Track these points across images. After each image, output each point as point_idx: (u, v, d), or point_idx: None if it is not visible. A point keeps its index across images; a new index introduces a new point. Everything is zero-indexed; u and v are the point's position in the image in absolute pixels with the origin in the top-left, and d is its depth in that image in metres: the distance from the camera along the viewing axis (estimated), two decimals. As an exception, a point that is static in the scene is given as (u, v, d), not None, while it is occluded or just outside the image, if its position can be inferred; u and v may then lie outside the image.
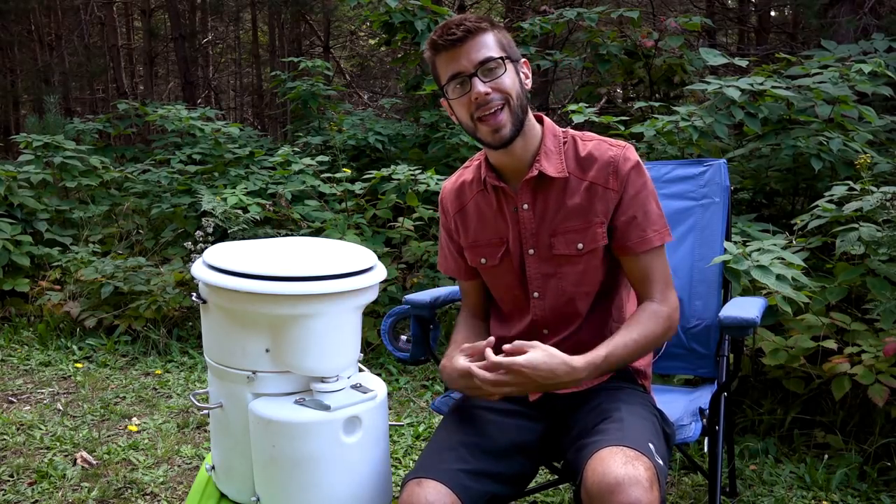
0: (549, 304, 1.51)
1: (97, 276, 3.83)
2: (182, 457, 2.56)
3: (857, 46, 3.83)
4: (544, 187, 1.49)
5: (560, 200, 1.48)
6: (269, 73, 7.91)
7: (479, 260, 1.57)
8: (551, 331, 1.53)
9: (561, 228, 1.48)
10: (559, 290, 1.50)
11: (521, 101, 1.44)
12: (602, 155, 1.48)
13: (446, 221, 1.64)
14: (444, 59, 1.43)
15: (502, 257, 1.54)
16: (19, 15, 10.90)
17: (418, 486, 1.29)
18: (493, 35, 1.43)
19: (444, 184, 1.66)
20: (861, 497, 2.20)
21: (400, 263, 3.83)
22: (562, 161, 1.49)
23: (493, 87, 1.40)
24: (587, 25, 4.58)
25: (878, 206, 2.46)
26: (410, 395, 3.14)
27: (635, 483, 1.16)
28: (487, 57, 1.40)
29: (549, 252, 1.49)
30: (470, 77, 1.40)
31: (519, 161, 1.49)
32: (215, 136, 5.18)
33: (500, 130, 1.42)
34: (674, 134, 3.31)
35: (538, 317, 1.53)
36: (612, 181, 1.46)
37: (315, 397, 1.38)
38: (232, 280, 1.33)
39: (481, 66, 1.40)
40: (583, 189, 1.47)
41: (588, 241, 1.47)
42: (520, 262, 1.52)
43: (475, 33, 1.41)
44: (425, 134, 4.86)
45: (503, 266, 1.54)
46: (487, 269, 1.57)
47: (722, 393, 1.69)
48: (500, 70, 1.41)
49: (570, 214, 1.47)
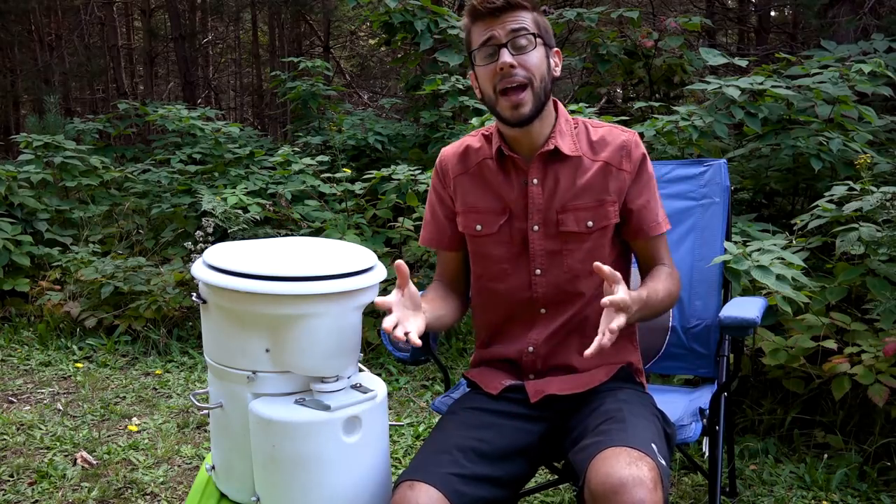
0: (551, 281, 1.51)
1: (97, 276, 3.83)
2: (182, 457, 2.56)
3: (857, 46, 3.83)
4: (557, 164, 1.50)
5: (571, 178, 1.50)
6: (269, 73, 7.91)
7: (475, 226, 1.55)
8: (550, 310, 1.53)
9: (571, 206, 1.49)
10: (564, 267, 1.50)
11: (545, 85, 1.45)
12: (615, 139, 1.52)
13: (442, 184, 1.62)
14: (479, 27, 1.45)
15: (502, 227, 1.53)
16: (19, 15, 10.89)
17: (410, 490, 1.28)
18: (533, 15, 1.44)
19: (443, 149, 1.65)
20: (861, 497, 2.20)
21: (400, 263, 3.82)
22: (575, 142, 1.52)
23: (520, 61, 1.41)
24: (587, 25, 4.59)
25: (878, 206, 2.46)
26: (410, 395, 3.14)
27: (639, 483, 1.15)
28: (521, 27, 1.41)
29: (555, 229, 1.50)
30: (500, 47, 1.41)
31: (534, 141, 1.50)
32: (215, 136, 5.18)
33: (519, 108, 1.42)
34: (674, 134, 3.31)
35: (538, 294, 1.52)
36: (626, 163, 1.50)
37: (315, 397, 1.38)
38: (232, 280, 1.33)
39: (513, 37, 1.41)
40: (596, 168, 1.50)
41: (599, 219, 1.49)
42: (522, 237, 1.52)
43: (515, 7, 1.42)
44: (425, 134, 4.86)
45: (500, 235, 1.53)
46: (481, 236, 1.55)
47: (722, 393, 1.69)
48: (530, 47, 1.42)
49: (582, 192, 1.49)
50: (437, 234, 1.63)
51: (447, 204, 1.61)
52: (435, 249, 1.67)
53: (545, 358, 1.54)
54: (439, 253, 1.66)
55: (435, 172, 1.64)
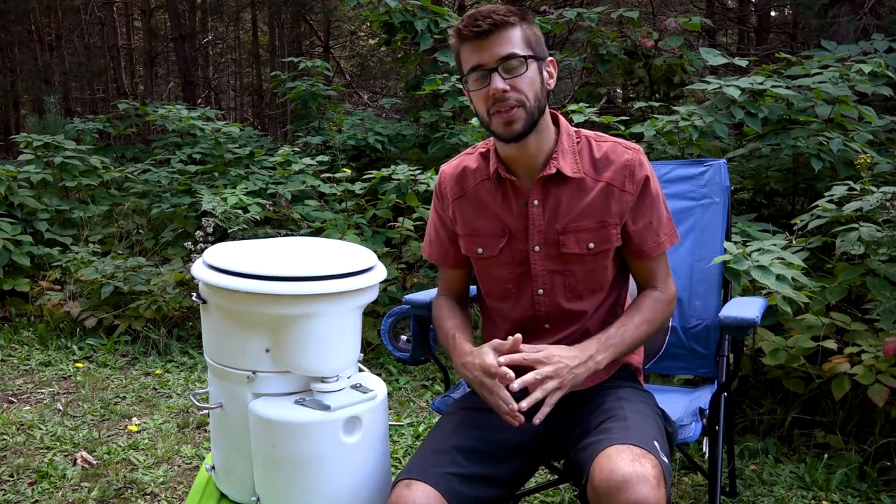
0: (554, 300, 1.51)
1: (97, 276, 3.83)
2: (182, 457, 2.56)
3: (857, 46, 3.83)
4: (558, 185, 1.49)
5: (573, 199, 1.48)
6: (269, 73, 7.91)
7: (476, 250, 1.55)
8: (553, 326, 1.53)
9: (572, 227, 1.48)
10: (567, 287, 1.50)
11: (539, 103, 1.43)
12: (618, 158, 1.49)
13: (442, 206, 1.62)
14: (468, 49, 1.42)
15: (503, 249, 1.52)
16: (19, 15, 10.89)
17: (407, 489, 1.28)
18: (521, 30, 1.41)
19: (443, 167, 1.64)
20: (861, 497, 2.20)
21: (400, 263, 3.83)
22: (577, 161, 1.49)
23: (511, 84, 1.39)
24: (587, 25, 4.58)
25: (878, 206, 2.46)
26: (410, 395, 3.14)
27: (643, 480, 1.16)
28: (510, 53, 1.39)
29: (556, 250, 1.49)
30: (490, 71, 1.39)
31: (531, 157, 1.48)
32: (215, 136, 5.18)
33: (512, 124, 1.41)
34: (674, 134, 3.31)
35: (542, 313, 1.52)
36: (629, 184, 1.48)
37: (315, 397, 1.38)
38: (232, 280, 1.33)
39: (503, 63, 1.39)
40: (598, 189, 1.48)
41: (600, 242, 1.48)
42: (523, 257, 1.51)
43: (502, 27, 1.39)
44: (425, 134, 4.86)
45: (501, 258, 1.53)
46: (483, 259, 1.55)
47: (722, 393, 1.69)
48: (521, 69, 1.40)
49: (584, 214, 1.48)
50: (442, 253, 1.64)
51: (448, 226, 1.61)
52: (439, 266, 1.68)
53: None
54: (444, 269, 1.67)
55: (435, 193, 1.64)
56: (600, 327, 1.50)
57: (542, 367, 1.34)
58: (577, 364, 1.37)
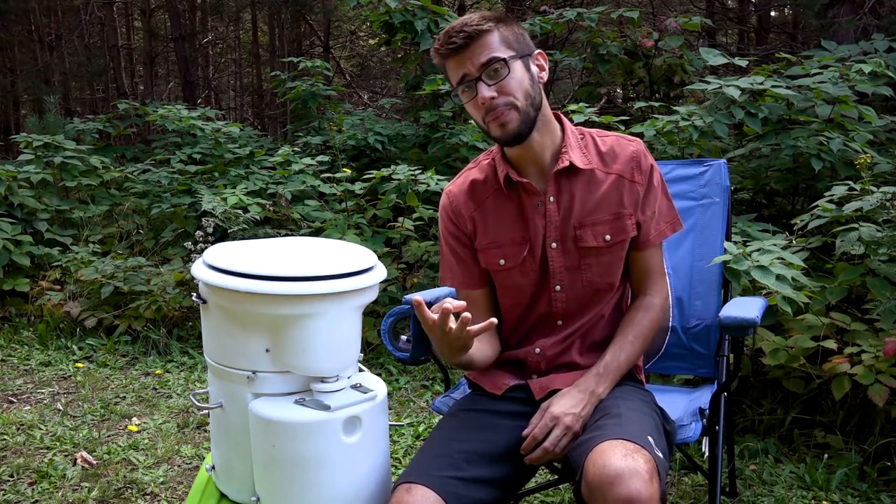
0: (571, 296, 1.52)
1: (97, 276, 3.83)
2: (182, 457, 2.56)
3: (857, 46, 3.83)
4: (570, 180, 1.50)
5: (586, 193, 1.50)
6: (269, 73, 7.91)
7: (498, 261, 1.53)
8: (566, 321, 1.54)
9: (588, 220, 1.49)
10: (584, 281, 1.51)
11: (531, 100, 1.43)
12: (624, 150, 1.52)
13: (456, 225, 1.58)
14: (451, 65, 1.44)
15: (525, 258, 1.52)
16: (19, 15, 10.89)
17: (408, 493, 1.28)
18: (498, 33, 1.41)
19: (447, 189, 1.61)
20: (861, 497, 2.20)
21: (400, 263, 3.83)
22: (585, 154, 1.51)
23: (498, 89, 1.40)
24: (587, 25, 4.58)
25: (878, 206, 2.46)
26: (410, 395, 3.14)
27: (635, 475, 1.16)
28: (490, 59, 1.40)
29: (573, 245, 1.50)
30: (475, 81, 1.41)
31: (538, 155, 1.49)
32: (215, 136, 5.18)
33: (506, 125, 1.42)
34: (674, 134, 3.31)
35: (557, 309, 1.53)
36: (637, 175, 1.51)
37: (315, 397, 1.38)
38: (232, 280, 1.33)
39: (485, 69, 1.40)
40: (610, 182, 1.50)
41: (616, 233, 1.49)
42: (541, 257, 1.51)
43: (476, 37, 1.40)
44: (425, 134, 4.86)
45: (524, 266, 1.52)
46: (505, 269, 1.54)
47: (722, 393, 1.69)
48: (504, 71, 1.40)
49: (598, 207, 1.49)
50: (468, 276, 1.58)
51: (466, 244, 1.58)
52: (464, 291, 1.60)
53: (550, 359, 1.55)
54: (468, 293, 1.58)
55: (444, 216, 1.60)
56: (608, 322, 1.53)
57: (555, 432, 1.37)
58: (582, 407, 1.40)
